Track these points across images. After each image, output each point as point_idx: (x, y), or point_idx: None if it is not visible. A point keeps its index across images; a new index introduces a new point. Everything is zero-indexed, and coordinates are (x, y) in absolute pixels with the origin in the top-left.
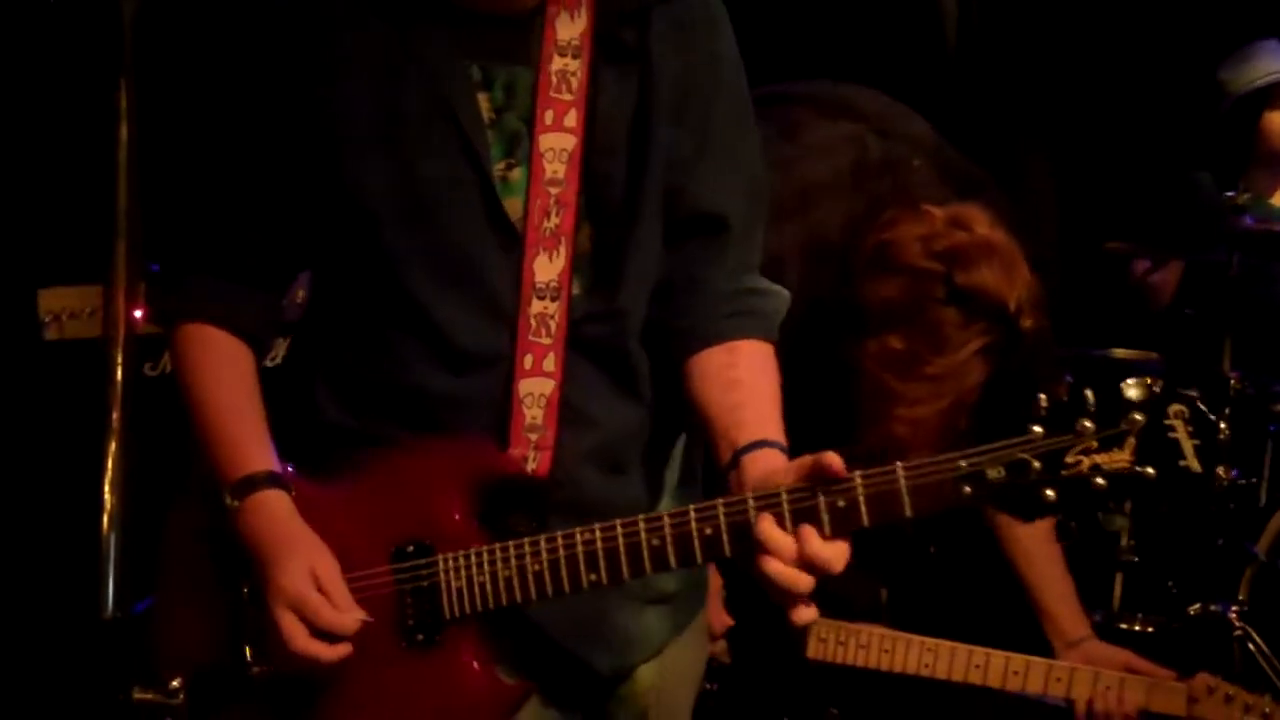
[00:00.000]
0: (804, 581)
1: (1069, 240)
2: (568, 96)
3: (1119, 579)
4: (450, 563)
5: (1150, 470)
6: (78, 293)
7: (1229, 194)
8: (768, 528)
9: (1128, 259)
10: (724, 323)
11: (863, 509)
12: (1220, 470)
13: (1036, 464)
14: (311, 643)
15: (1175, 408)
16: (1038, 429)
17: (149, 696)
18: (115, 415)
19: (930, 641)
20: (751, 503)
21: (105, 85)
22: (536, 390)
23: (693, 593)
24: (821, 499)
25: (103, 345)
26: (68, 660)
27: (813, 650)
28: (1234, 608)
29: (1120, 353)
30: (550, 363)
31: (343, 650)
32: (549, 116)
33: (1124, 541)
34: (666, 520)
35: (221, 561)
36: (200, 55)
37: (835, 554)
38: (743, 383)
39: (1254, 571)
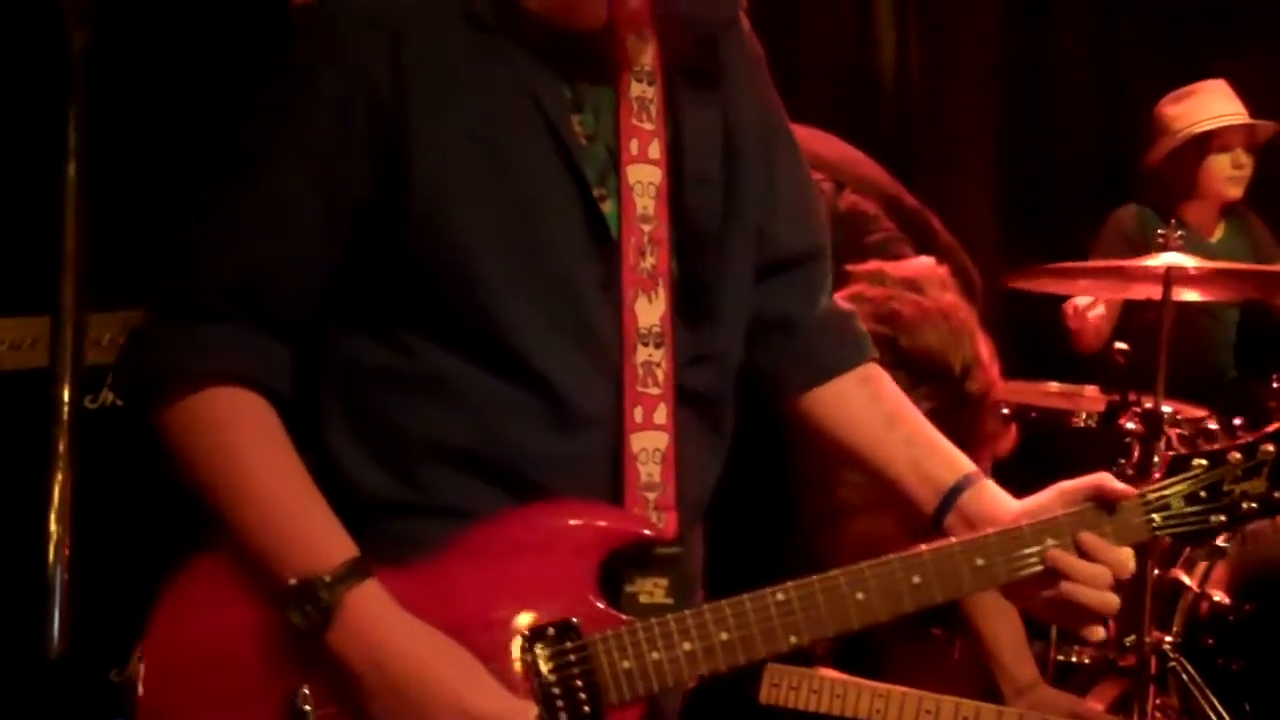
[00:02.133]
0: (1115, 601)
1: (1006, 270)
2: (649, 125)
3: None
4: (612, 642)
5: None
6: (17, 324)
7: (1160, 232)
8: (1085, 551)
9: (1060, 298)
10: (841, 351)
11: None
12: None
13: (1204, 493)
14: None
15: None
16: (1201, 461)
17: None
18: (62, 446)
19: (882, 687)
20: (1067, 524)
21: (48, 116)
22: (650, 445)
23: None
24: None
25: (47, 377)
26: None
27: (765, 695)
28: (1168, 639)
29: (1055, 386)
30: (661, 414)
31: None
32: (634, 146)
33: None
34: (927, 556)
35: (279, 673)
36: (269, 66)
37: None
38: (904, 415)
39: (1187, 604)
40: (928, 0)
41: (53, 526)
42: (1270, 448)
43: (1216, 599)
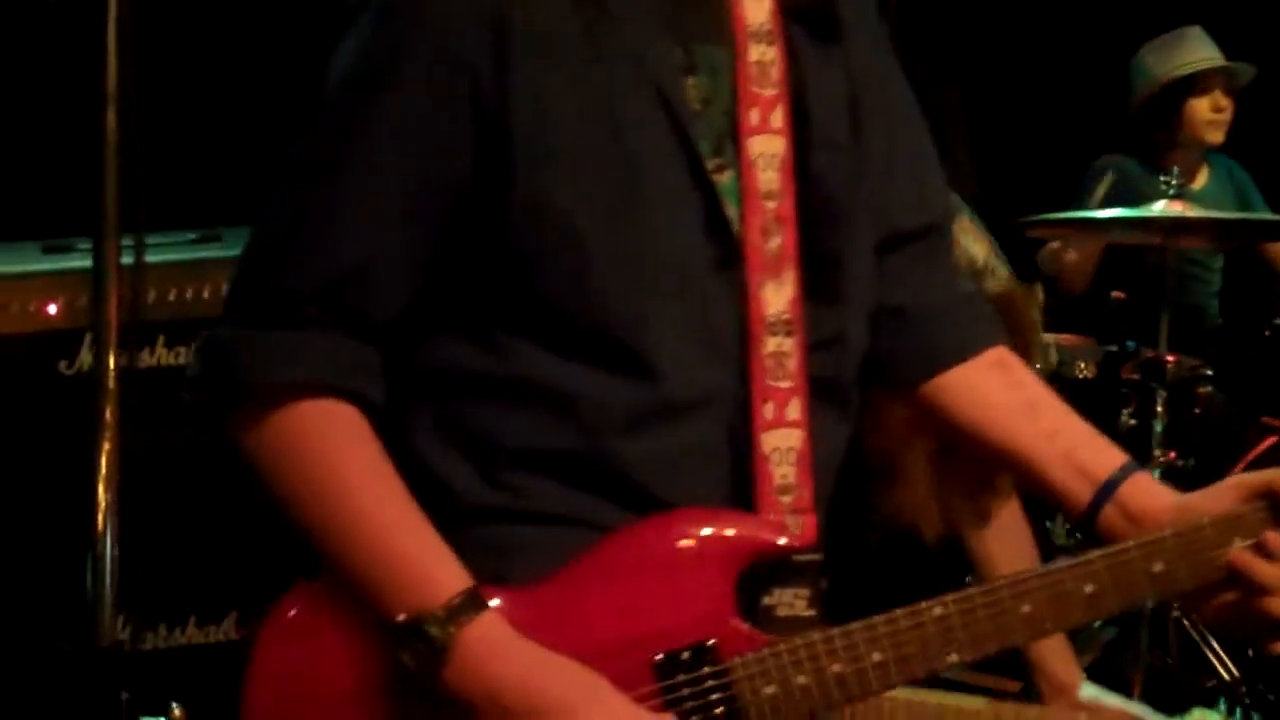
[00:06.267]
0: None
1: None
2: (770, 91)
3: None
4: (754, 666)
5: None
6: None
7: (1163, 178)
8: (1270, 553)
9: (1039, 243)
10: (968, 333)
11: None
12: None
13: None
14: None
15: None
16: None
17: None
18: (108, 414)
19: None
20: (1256, 521)
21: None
22: (783, 444)
23: None
24: None
25: (92, 337)
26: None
27: None
28: None
29: (1049, 337)
30: (795, 410)
31: None
32: (754, 116)
33: (1059, 526)
34: (1099, 563)
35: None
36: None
37: None
38: (1048, 403)
39: None
40: None
41: (101, 495)
42: None
43: None
